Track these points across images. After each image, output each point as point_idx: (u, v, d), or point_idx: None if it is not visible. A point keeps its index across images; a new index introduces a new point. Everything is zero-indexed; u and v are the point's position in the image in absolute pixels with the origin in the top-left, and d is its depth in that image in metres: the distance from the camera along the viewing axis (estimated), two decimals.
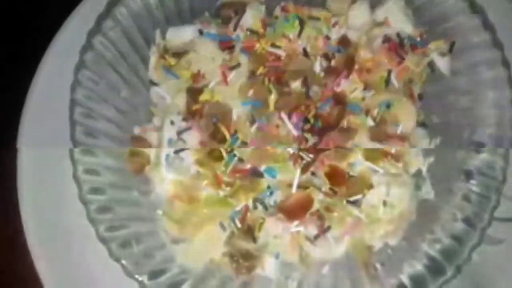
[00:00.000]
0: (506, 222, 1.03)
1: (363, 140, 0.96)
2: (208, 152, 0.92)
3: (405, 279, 0.84)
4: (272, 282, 0.92)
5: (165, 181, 0.92)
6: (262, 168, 0.91)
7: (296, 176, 0.89)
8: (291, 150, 0.91)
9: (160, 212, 0.94)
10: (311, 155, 0.91)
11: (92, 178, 0.87)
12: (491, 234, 1.00)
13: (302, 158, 0.91)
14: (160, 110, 1.02)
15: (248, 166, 0.92)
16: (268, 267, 0.91)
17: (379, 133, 0.97)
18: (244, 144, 0.94)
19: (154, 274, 0.84)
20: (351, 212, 0.89)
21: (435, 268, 0.83)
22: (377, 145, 0.95)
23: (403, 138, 0.97)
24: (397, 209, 0.89)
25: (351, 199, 0.89)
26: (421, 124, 1.04)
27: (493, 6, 1.01)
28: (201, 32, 1.02)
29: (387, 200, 0.89)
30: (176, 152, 0.92)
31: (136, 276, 0.81)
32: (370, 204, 0.89)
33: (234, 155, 0.91)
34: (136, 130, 1.01)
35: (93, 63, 0.95)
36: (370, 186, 0.90)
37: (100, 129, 0.93)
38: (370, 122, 0.96)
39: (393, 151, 0.93)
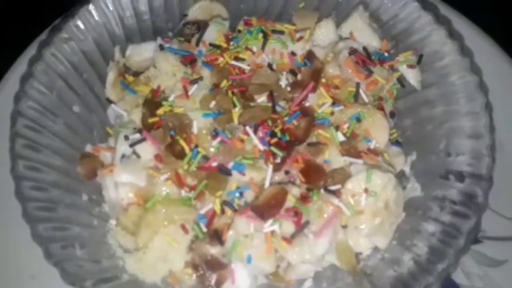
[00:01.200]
0: (505, 242, 0.98)
1: (333, 155, 0.89)
2: (169, 147, 0.82)
3: (402, 275, 0.74)
4: None
5: (119, 185, 0.82)
6: (230, 165, 0.83)
7: (269, 173, 0.81)
8: (261, 147, 0.83)
9: (113, 222, 0.83)
10: (283, 152, 0.83)
11: (33, 175, 0.77)
12: (491, 255, 0.97)
13: (274, 155, 0.83)
14: (116, 128, 0.95)
15: (214, 164, 0.83)
16: (239, 278, 0.78)
17: (350, 148, 0.91)
18: (206, 159, 0.86)
19: (99, 282, 0.71)
20: (330, 201, 0.79)
21: (436, 255, 0.74)
22: (349, 160, 0.88)
23: (376, 152, 0.90)
24: (381, 199, 0.80)
25: (330, 188, 0.80)
26: (395, 142, 0.99)
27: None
28: (162, 48, 0.98)
29: (369, 188, 0.80)
30: (132, 145, 0.82)
31: (76, 282, 0.68)
32: (351, 193, 0.80)
33: (198, 151, 0.82)
34: (88, 148, 0.92)
35: (43, 74, 0.88)
36: (349, 176, 0.81)
37: (45, 144, 0.85)
38: (340, 137, 0.90)
39: (372, 146, 0.86)
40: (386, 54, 1.00)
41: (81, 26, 0.95)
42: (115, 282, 0.74)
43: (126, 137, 0.88)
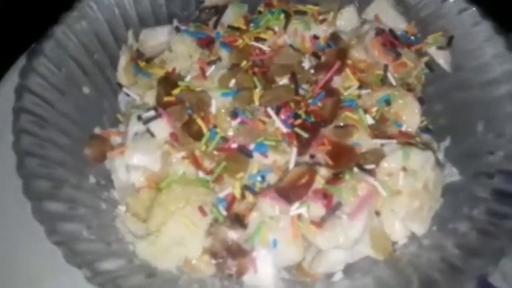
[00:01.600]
0: None
1: (363, 138, 0.82)
2: (185, 126, 0.75)
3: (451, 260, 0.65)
4: None
5: (131, 168, 0.75)
6: (251, 146, 0.75)
7: (293, 156, 0.73)
8: (284, 129, 0.76)
9: (122, 208, 0.75)
10: (309, 133, 0.75)
11: (39, 151, 0.71)
12: None
13: (298, 137, 0.76)
14: (128, 112, 0.88)
15: (234, 145, 0.76)
16: (262, 268, 0.69)
17: (380, 133, 0.84)
18: (225, 140, 0.79)
19: (107, 263, 0.62)
20: (364, 180, 0.71)
21: (485, 236, 0.66)
22: (381, 142, 0.81)
23: (409, 135, 0.83)
24: (420, 178, 0.72)
25: (365, 166, 0.72)
26: (426, 129, 0.92)
27: None
28: (178, 30, 0.93)
29: (406, 166, 0.72)
30: (146, 122, 0.75)
31: (82, 264, 0.59)
32: (387, 171, 0.72)
33: (217, 132, 0.75)
34: (97, 131, 0.86)
35: (52, 51, 0.83)
36: (384, 156, 0.73)
37: (51, 121, 0.78)
38: (369, 120, 0.83)
39: (403, 129, 0.79)
40: (412, 38, 0.95)
41: (94, 5, 0.91)
42: (126, 264, 0.65)
43: (139, 117, 0.81)
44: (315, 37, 0.93)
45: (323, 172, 0.75)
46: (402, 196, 0.73)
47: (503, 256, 0.64)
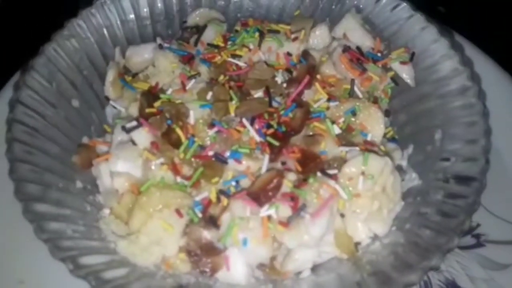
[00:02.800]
0: (509, 246, 0.97)
1: (330, 146, 0.89)
2: (165, 135, 0.82)
3: (404, 256, 0.72)
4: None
5: (114, 175, 0.81)
6: (227, 154, 0.82)
7: (265, 163, 0.80)
8: (258, 139, 0.83)
9: (106, 211, 0.81)
10: (280, 142, 0.83)
11: (28, 157, 0.78)
12: (495, 259, 0.96)
13: (270, 146, 0.83)
14: (114, 123, 0.95)
15: (211, 152, 0.83)
16: (234, 266, 0.75)
17: (346, 141, 0.91)
18: (202, 148, 0.86)
19: (89, 258, 0.69)
20: (327, 183, 0.78)
21: (436, 235, 0.73)
22: (346, 149, 0.88)
23: (373, 144, 0.90)
24: (378, 183, 0.78)
25: (327, 171, 0.79)
26: (392, 139, 0.99)
27: None
28: (161, 47, 1.01)
29: (365, 171, 0.78)
30: (129, 131, 0.82)
31: (66, 258, 0.66)
32: (348, 176, 0.79)
33: (194, 141, 0.82)
34: (85, 140, 0.92)
35: (43, 67, 0.90)
36: (345, 162, 0.81)
37: (41, 130, 0.85)
38: (336, 130, 0.91)
39: (368, 138, 0.86)
40: (379, 54, 1.02)
41: (83, 25, 0.98)
42: (106, 259, 0.71)
43: (123, 127, 0.88)
44: (289, 54, 1.01)
45: (291, 177, 0.82)
46: (362, 199, 0.79)
47: (450, 251, 0.71)
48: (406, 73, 0.99)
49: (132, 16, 1.05)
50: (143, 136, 0.85)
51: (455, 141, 0.85)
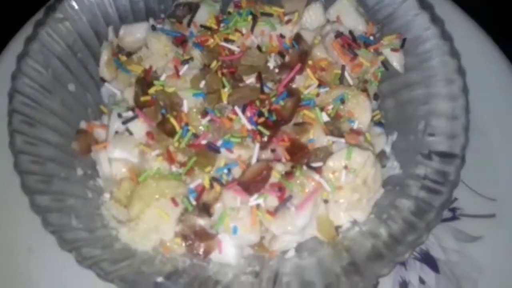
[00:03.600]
0: (481, 219, 1.04)
1: (318, 135, 0.93)
2: (160, 125, 0.86)
3: (376, 246, 0.79)
4: (230, 268, 0.85)
5: (113, 161, 0.86)
6: (219, 143, 0.87)
7: (255, 151, 0.85)
8: (249, 126, 0.87)
9: (107, 195, 0.87)
10: (270, 131, 0.87)
11: (30, 149, 0.82)
12: (468, 232, 1.03)
13: (261, 134, 0.87)
14: (110, 108, 0.98)
15: (204, 141, 0.88)
16: (226, 248, 0.84)
17: (334, 128, 0.95)
18: (196, 137, 0.90)
19: (94, 249, 0.77)
20: (312, 177, 0.84)
21: (408, 228, 0.80)
22: (332, 139, 0.92)
23: (359, 132, 0.95)
24: (360, 176, 0.85)
25: (312, 164, 0.85)
26: (378, 123, 1.03)
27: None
28: (154, 28, 1.01)
29: (348, 165, 0.84)
30: (125, 122, 0.86)
31: (72, 249, 0.73)
32: (332, 170, 0.84)
33: (188, 129, 0.86)
34: (83, 125, 0.96)
35: (38, 53, 0.91)
36: (331, 154, 0.86)
37: (42, 120, 0.88)
38: (325, 118, 0.94)
39: (355, 126, 0.90)
40: (371, 38, 1.03)
41: (76, 6, 0.98)
42: (108, 249, 0.79)
43: (119, 115, 0.91)
44: (282, 36, 1.01)
45: (279, 167, 0.87)
46: (343, 191, 0.86)
47: (420, 245, 0.78)
48: (396, 60, 1.00)
49: None
50: (139, 127, 0.89)
51: (435, 134, 0.89)
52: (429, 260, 1.03)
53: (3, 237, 0.97)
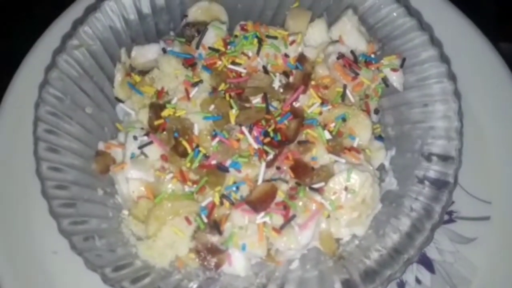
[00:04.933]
0: (476, 221, 1.09)
1: (320, 153, 0.99)
2: (173, 148, 0.94)
3: (371, 263, 0.86)
4: (239, 279, 0.93)
5: (130, 180, 0.94)
6: (228, 163, 0.94)
7: (262, 170, 0.92)
8: (255, 146, 0.94)
9: (125, 212, 0.95)
10: (275, 150, 0.94)
11: (55, 175, 0.89)
12: (463, 233, 1.08)
13: (266, 153, 0.94)
14: (125, 126, 1.05)
15: (214, 162, 0.95)
16: (235, 261, 0.92)
17: (336, 145, 1.01)
18: (206, 157, 0.97)
19: (116, 268, 0.85)
20: (314, 198, 0.91)
21: (402, 246, 0.86)
22: (334, 158, 0.99)
23: (359, 150, 1.01)
24: (359, 195, 0.91)
25: (314, 186, 0.92)
26: (378, 136, 1.08)
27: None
28: (164, 51, 1.06)
29: (348, 186, 0.91)
30: (141, 147, 0.94)
31: (98, 269, 0.82)
32: (333, 190, 0.92)
33: (199, 151, 0.94)
34: (101, 146, 1.03)
35: (58, 80, 0.97)
36: (332, 175, 0.93)
37: (64, 145, 0.95)
38: (327, 135, 1.00)
39: (355, 144, 0.97)
40: (372, 56, 1.07)
41: (90, 31, 1.03)
42: (130, 268, 0.88)
43: (135, 137, 0.98)
44: (286, 56, 1.06)
45: (284, 187, 0.94)
46: (344, 209, 0.93)
47: (409, 265, 0.86)
48: (395, 79, 1.05)
49: (135, 15, 1.08)
50: (154, 150, 0.96)
51: (431, 156, 0.95)
52: (425, 261, 1.09)
53: (30, 239, 1.05)
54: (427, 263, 1.10)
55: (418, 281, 1.07)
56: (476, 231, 1.10)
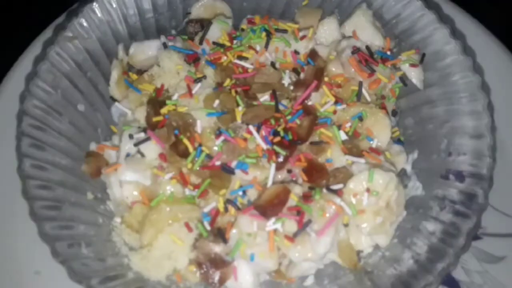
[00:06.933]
0: (505, 238, 1.00)
1: (336, 154, 0.89)
2: (173, 146, 0.83)
3: (402, 275, 0.75)
4: None
5: (124, 184, 0.83)
6: (233, 164, 0.84)
7: (271, 172, 0.82)
8: (264, 146, 0.84)
9: (117, 220, 0.84)
10: (286, 150, 0.84)
11: (39, 174, 0.79)
12: (491, 252, 0.99)
13: (276, 154, 0.84)
14: (120, 128, 0.96)
15: (218, 162, 0.84)
16: (242, 276, 0.79)
17: (352, 147, 0.91)
18: (209, 157, 0.87)
19: (105, 280, 0.72)
20: (332, 200, 0.80)
21: (436, 254, 0.75)
22: (352, 159, 0.89)
23: (378, 151, 0.91)
24: (382, 198, 0.81)
25: (332, 187, 0.81)
26: (397, 140, 0.99)
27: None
28: (165, 46, 0.98)
29: (370, 187, 0.80)
30: (137, 144, 0.84)
31: (83, 280, 0.70)
32: (353, 192, 0.81)
33: (202, 150, 0.83)
34: (93, 147, 0.93)
35: (47, 73, 0.89)
36: (351, 176, 0.82)
37: (51, 142, 0.85)
38: (343, 136, 0.91)
39: (374, 145, 0.87)
40: (388, 53, 1.00)
41: (85, 24, 0.96)
42: (121, 280, 0.75)
43: (131, 136, 0.89)
44: (296, 52, 0.99)
45: (297, 190, 0.84)
46: (366, 214, 0.82)
47: (449, 273, 0.74)
48: (415, 76, 0.97)
49: (134, 10, 1.01)
50: (151, 149, 0.86)
51: (460, 154, 0.86)
52: (450, 283, 0.98)
53: (11, 260, 0.95)
54: (453, 285, 0.99)
55: None
56: (505, 248, 1.00)
